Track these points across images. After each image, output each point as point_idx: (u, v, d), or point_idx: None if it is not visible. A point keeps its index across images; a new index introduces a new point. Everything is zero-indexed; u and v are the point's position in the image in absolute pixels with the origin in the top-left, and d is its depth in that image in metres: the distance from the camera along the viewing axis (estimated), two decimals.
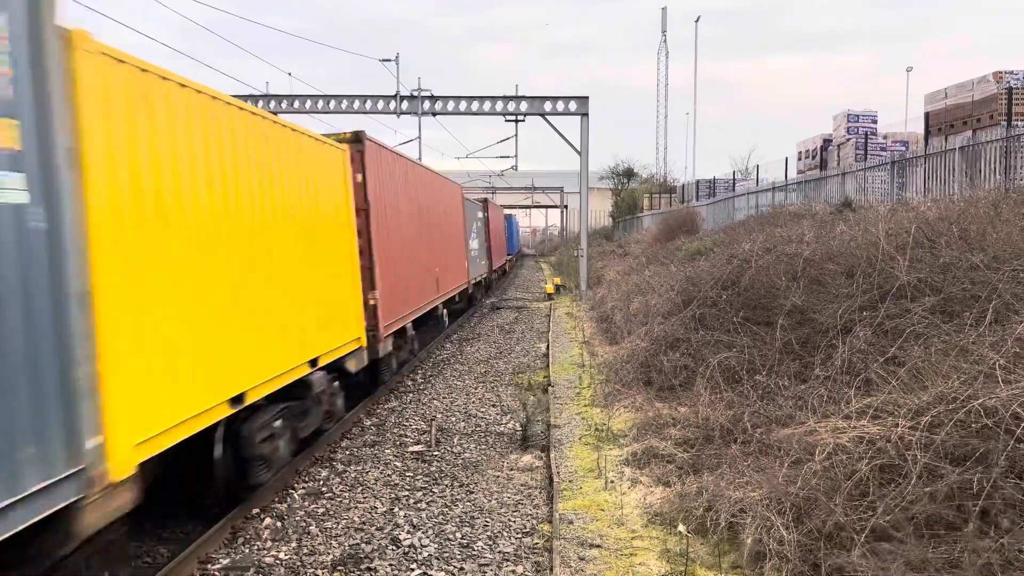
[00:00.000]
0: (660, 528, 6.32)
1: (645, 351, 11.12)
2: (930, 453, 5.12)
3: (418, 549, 6.46)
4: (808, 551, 4.99)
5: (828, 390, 7.11)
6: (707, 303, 11.15)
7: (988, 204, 9.64)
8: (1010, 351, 5.79)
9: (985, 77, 14.64)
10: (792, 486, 5.48)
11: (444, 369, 15.05)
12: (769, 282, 10.43)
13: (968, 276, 7.70)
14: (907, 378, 6.31)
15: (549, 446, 9.08)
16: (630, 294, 16.89)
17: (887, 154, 18.60)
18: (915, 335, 7.12)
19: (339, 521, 7.16)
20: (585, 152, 27.14)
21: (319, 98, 27.08)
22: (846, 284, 8.97)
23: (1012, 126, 12.90)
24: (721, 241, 17.89)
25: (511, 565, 6.15)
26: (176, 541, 6.75)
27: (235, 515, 7.05)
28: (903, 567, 4.44)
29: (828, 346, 8.06)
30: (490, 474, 8.51)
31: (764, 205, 23.65)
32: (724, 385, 8.50)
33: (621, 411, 9.87)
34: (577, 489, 7.49)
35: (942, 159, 14.29)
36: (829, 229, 11.99)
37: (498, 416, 11.21)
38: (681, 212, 32.83)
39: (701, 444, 7.66)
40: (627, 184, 59.84)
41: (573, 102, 27.05)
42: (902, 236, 9.01)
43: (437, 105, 27.30)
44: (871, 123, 20.70)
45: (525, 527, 6.96)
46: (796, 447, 6.09)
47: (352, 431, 10.44)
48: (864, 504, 5.07)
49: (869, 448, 5.44)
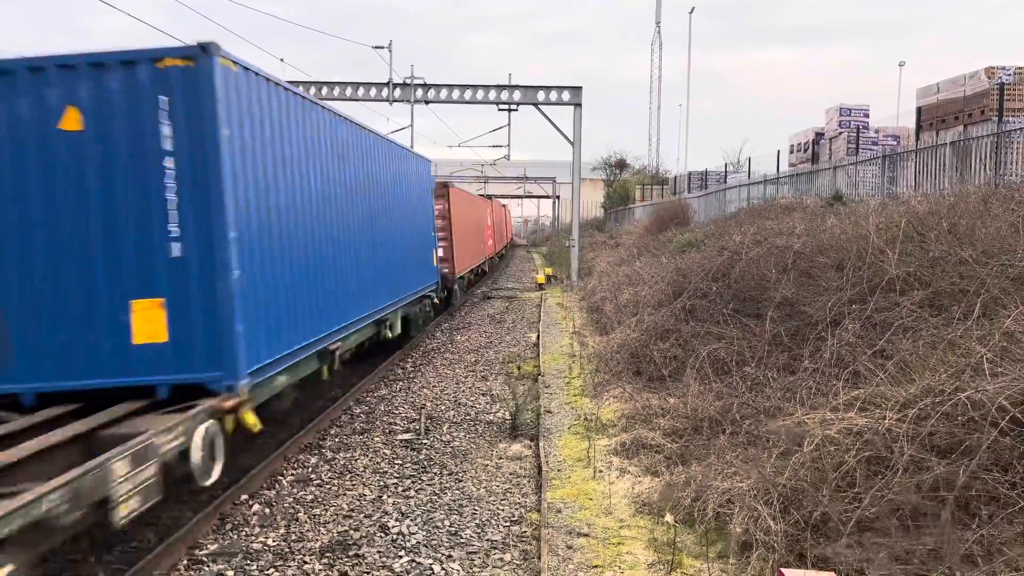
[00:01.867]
0: (648, 518, 6.35)
1: (635, 342, 11.15)
2: (916, 445, 5.16)
3: (406, 536, 6.48)
4: (795, 541, 5.03)
5: (817, 382, 7.15)
6: (697, 295, 11.18)
7: (978, 199, 9.69)
8: (997, 345, 5.84)
9: (977, 73, 14.68)
10: (780, 477, 5.51)
11: (434, 358, 15.05)
12: (759, 274, 10.47)
13: (957, 270, 7.75)
14: (895, 371, 6.36)
15: (538, 435, 9.10)
16: (621, 285, 16.92)
17: (878, 148, 18.66)
18: (904, 328, 7.17)
19: (328, 508, 7.17)
20: (578, 142, 27.10)
21: (311, 84, 26.93)
22: (836, 277, 9.01)
23: (1003, 122, 12.95)
24: (712, 233, 17.93)
25: (499, 553, 6.18)
26: (164, 526, 6.74)
27: (223, 501, 7.05)
28: (888, 558, 4.48)
29: (817, 338, 8.10)
30: (479, 462, 8.53)
31: (755, 198, 23.71)
32: (713, 376, 8.54)
33: (611, 401, 9.90)
34: (566, 478, 7.52)
35: (933, 154, 14.34)
36: (820, 222, 12.03)
37: (488, 405, 11.22)
38: (673, 204, 32.86)
39: (690, 435, 7.70)
40: (619, 175, 59.86)
41: (566, 92, 26.99)
42: (892, 230, 9.06)
43: (430, 93, 27.19)
44: (863, 117, 20.74)
45: (513, 515, 6.98)
46: (784, 438, 6.12)
47: (341, 419, 10.43)
48: (851, 495, 5.11)
49: (857, 440, 5.48)
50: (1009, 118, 13.25)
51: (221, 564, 5.97)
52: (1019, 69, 14.50)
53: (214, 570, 5.88)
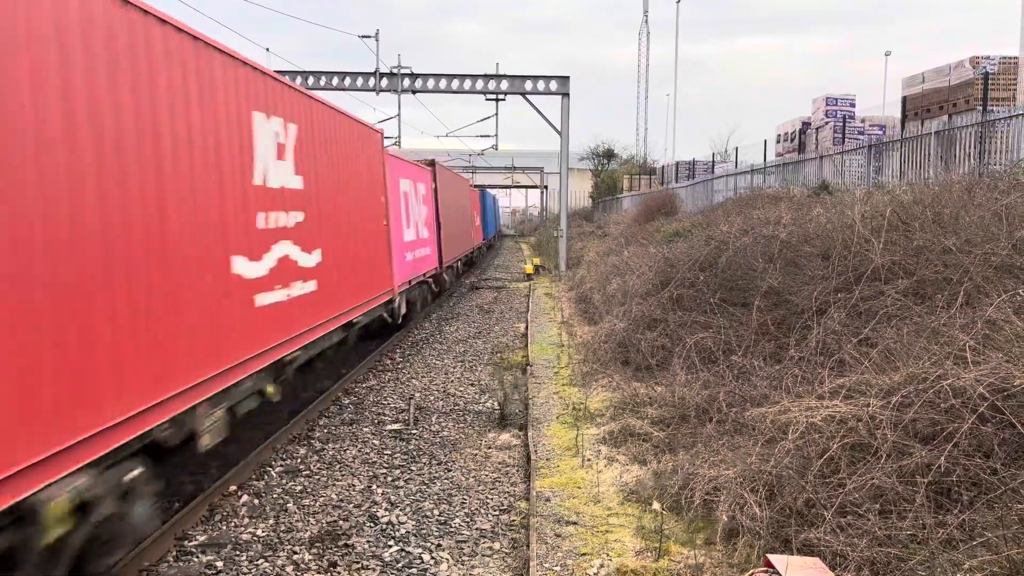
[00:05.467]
0: (636, 505, 6.41)
1: (623, 331, 11.20)
2: (899, 432, 5.23)
3: (396, 526, 6.51)
4: (780, 527, 5.09)
5: (802, 370, 7.21)
6: (685, 284, 11.23)
7: (962, 188, 9.77)
8: (980, 333, 5.91)
9: (962, 62, 14.76)
10: (765, 464, 5.57)
11: (423, 348, 15.07)
12: (746, 264, 10.52)
13: (941, 259, 7.82)
14: (879, 359, 6.42)
15: (527, 425, 9.14)
16: (609, 275, 16.96)
17: (865, 138, 18.74)
18: (888, 317, 7.24)
19: (317, 498, 7.18)
20: (566, 133, 27.08)
21: (297, 74, 26.77)
22: (822, 266, 9.08)
23: (987, 111, 13.04)
24: (699, 223, 17.98)
25: (488, 541, 6.22)
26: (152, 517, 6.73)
27: (212, 492, 7.05)
28: (870, 542, 4.54)
29: (803, 327, 8.17)
30: (468, 452, 8.56)
31: (742, 187, 23.78)
32: (700, 365, 8.60)
33: (599, 390, 9.95)
34: (554, 467, 7.56)
35: (918, 143, 14.43)
36: (806, 212, 12.10)
37: (476, 395, 11.25)
38: (660, 194, 32.92)
39: (677, 423, 7.76)
40: (607, 165, 59.86)
41: (554, 82, 26.94)
42: (877, 219, 9.12)
43: (417, 83, 27.08)
44: (849, 107, 20.81)
45: (502, 504, 7.03)
46: (770, 426, 6.18)
47: (330, 409, 10.44)
48: (835, 481, 5.17)
49: (841, 427, 5.54)
50: (993, 107, 13.34)
51: (211, 555, 5.99)
52: (1004, 59, 14.59)
53: (203, 561, 5.90)
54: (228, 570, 5.76)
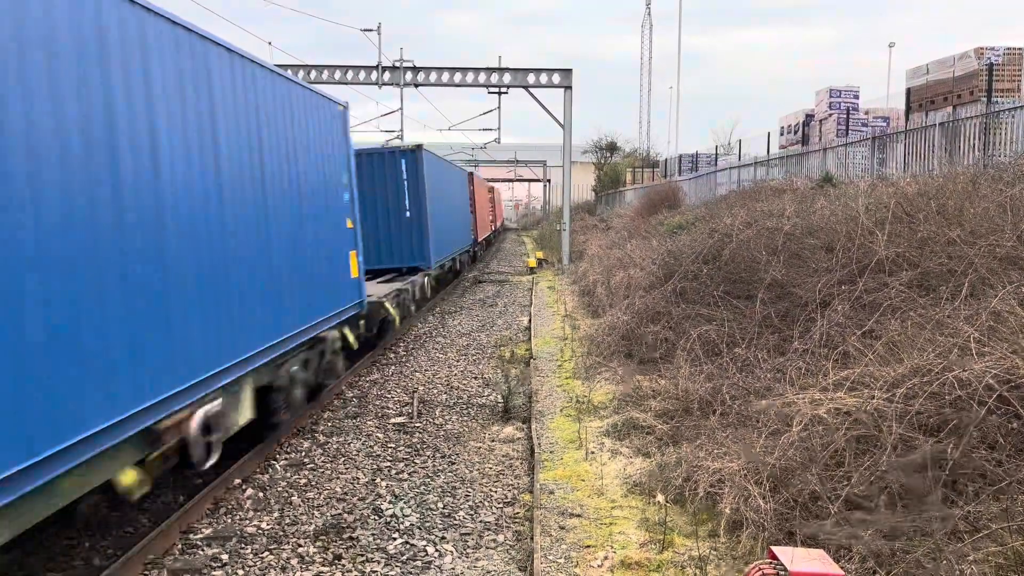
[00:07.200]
0: (639, 498, 6.41)
1: (626, 324, 11.20)
2: (904, 424, 5.22)
3: (400, 519, 6.52)
4: (784, 519, 5.08)
5: (806, 363, 7.20)
6: (688, 277, 11.21)
7: (966, 180, 9.74)
8: (984, 325, 5.89)
9: (966, 53, 14.70)
10: (769, 456, 5.56)
11: (426, 342, 15.07)
12: (750, 256, 10.50)
13: (945, 251, 7.80)
14: (884, 351, 6.40)
15: (531, 418, 9.15)
16: (612, 268, 16.95)
17: (868, 130, 18.69)
18: (892, 309, 7.21)
19: (321, 491, 7.20)
20: (568, 126, 27.04)
21: (299, 68, 26.74)
22: (825, 258, 9.06)
23: (992, 102, 12.99)
24: (703, 216, 17.95)
25: (492, 534, 6.23)
26: (157, 511, 6.76)
27: (217, 485, 7.07)
28: (875, 535, 4.54)
29: (807, 319, 8.15)
30: (472, 445, 8.57)
31: (746, 180, 23.74)
32: (704, 358, 8.58)
33: (602, 383, 9.95)
34: (558, 460, 7.57)
35: (922, 135, 14.39)
36: (810, 204, 12.06)
37: (480, 388, 11.26)
38: (663, 187, 32.87)
39: (681, 416, 7.75)
40: (610, 158, 59.76)
41: (557, 74, 26.89)
42: (881, 211, 9.10)
43: (419, 76, 27.04)
44: (853, 99, 20.75)
45: (506, 497, 7.03)
46: (774, 418, 6.17)
47: (334, 403, 10.46)
48: (840, 474, 5.17)
49: (845, 419, 5.53)
50: (998, 99, 13.29)
51: (216, 548, 6.00)
52: (1008, 50, 14.53)
53: (209, 554, 5.91)
54: (233, 563, 5.77)
